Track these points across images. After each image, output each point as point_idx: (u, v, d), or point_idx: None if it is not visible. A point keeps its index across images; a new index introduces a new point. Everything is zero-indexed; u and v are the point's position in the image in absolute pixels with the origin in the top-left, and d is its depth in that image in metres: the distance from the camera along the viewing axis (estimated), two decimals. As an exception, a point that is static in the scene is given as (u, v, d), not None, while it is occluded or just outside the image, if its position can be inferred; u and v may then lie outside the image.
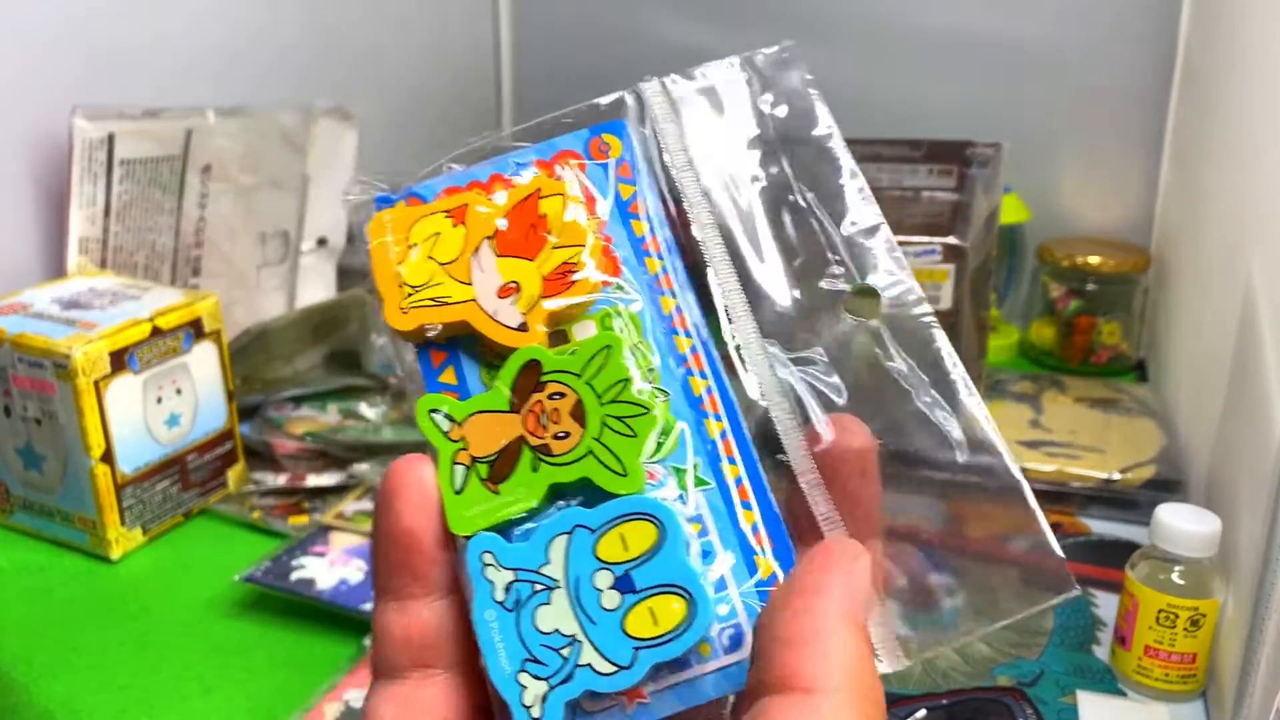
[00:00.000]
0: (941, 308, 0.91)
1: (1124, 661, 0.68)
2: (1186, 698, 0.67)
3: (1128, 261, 1.18)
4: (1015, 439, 0.96)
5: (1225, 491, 0.74)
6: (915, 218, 0.98)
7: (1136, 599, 0.67)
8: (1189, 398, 0.96)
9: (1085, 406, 1.04)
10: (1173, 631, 0.66)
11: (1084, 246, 1.21)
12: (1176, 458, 0.92)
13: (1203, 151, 1.05)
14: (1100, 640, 0.73)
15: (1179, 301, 1.08)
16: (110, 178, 0.96)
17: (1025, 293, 1.31)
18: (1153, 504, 0.70)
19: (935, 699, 0.67)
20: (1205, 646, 0.66)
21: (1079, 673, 0.70)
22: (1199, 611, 0.65)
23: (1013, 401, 1.05)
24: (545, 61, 1.50)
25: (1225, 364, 0.78)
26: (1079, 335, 1.19)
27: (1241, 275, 0.77)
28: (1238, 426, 0.73)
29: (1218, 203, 0.94)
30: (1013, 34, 1.28)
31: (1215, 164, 0.97)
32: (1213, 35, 1.06)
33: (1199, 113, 1.09)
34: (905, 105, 1.32)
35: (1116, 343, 1.19)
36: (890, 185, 0.99)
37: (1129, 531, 0.86)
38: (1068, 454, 0.93)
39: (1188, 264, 1.06)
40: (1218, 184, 0.95)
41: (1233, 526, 0.67)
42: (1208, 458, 0.83)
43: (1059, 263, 1.20)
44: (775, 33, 1.36)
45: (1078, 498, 0.90)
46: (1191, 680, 0.67)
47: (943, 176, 0.97)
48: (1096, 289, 1.19)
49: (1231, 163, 0.90)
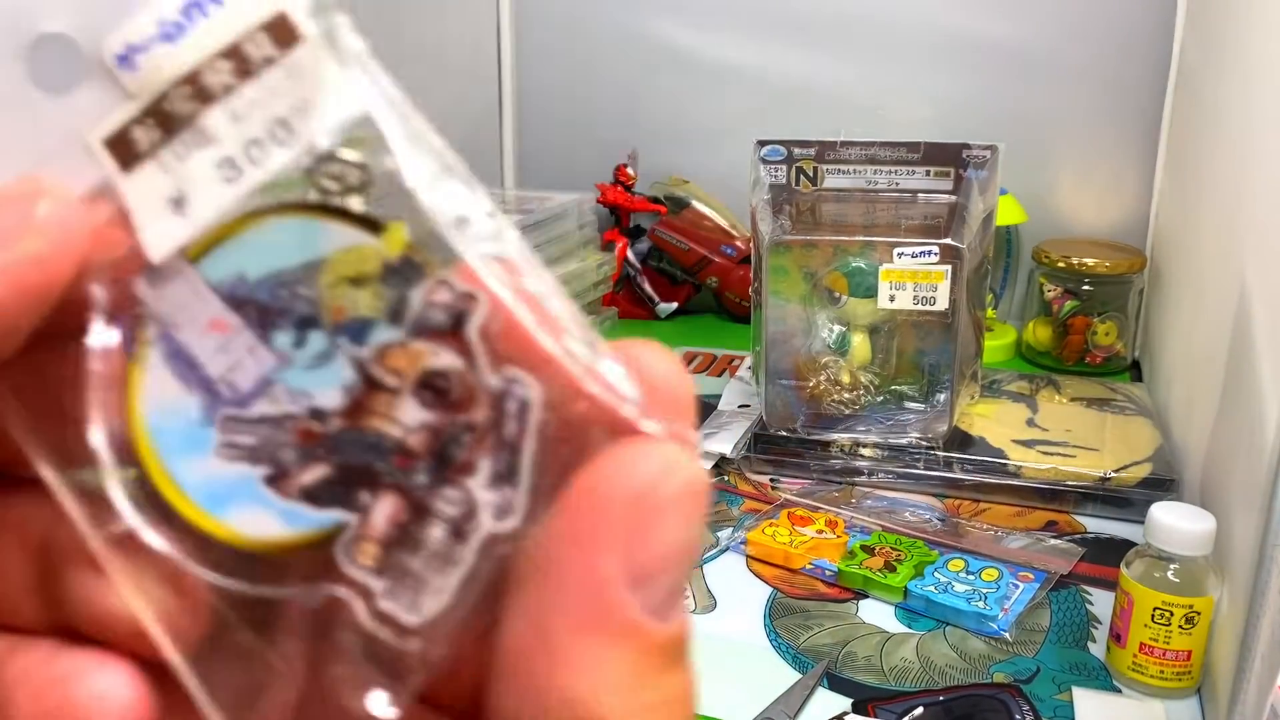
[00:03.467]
0: (938, 308, 0.92)
1: (1119, 659, 0.69)
2: (1181, 694, 0.67)
3: (1123, 262, 1.18)
4: (1011, 438, 0.96)
5: (1219, 490, 0.75)
6: (913, 220, 0.98)
7: (1131, 597, 0.67)
8: (1183, 397, 0.96)
9: (1081, 406, 1.05)
10: (1167, 629, 0.66)
11: (1080, 248, 1.22)
12: (1171, 456, 0.93)
13: (1198, 154, 1.05)
14: (1096, 638, 0.73)
15: (1174, 302, 1.08)
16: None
17: (1021, 293, 1.32)
18: (1147, 502, 0.70)
19: (932, 695, 0.67)
20: (1200, 644, 0.66)
21: (1075, 670, 0.70)
22: (1194, 609, 0.66)
23: (1009, 401, 1.06)
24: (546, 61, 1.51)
25: (1220, 364, 0.78)
26: (1074, 335, 1.20)
27: (1236, 276, 0.77)
28: (1232, 425, 0.74)
29: (1212, 204, 0.94)
30: (1009, 37, 1.28)
31: (1210, 166, 0.98)
32: (1208, 39, 1.06)
33: (1194, 115, 1.09)
34: (902, 108, 1.33)
35: (1112, 343, 1.20)
36: (887, 187, 0.99)
37: (1124, 530, 0.87)
38: (1063, 453, 0.93)
39: (1182, 265, 1.07)
40: (1212, 186, 0.95)
41: (1227, 524, 0.67)
42: (1202, 456, 0.83)
43: (1055, 264, 1.20)
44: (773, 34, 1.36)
45: (1073, 496, 0.90)
46: (1186, 677, 0.67)
47: (939, 179, 0.98)
48: (1092, 290, 1.19)
49: (1226, 165, 0.90)
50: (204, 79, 0.22)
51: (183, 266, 0.22)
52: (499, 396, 0.21)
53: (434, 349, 0.21)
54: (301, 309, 0.22)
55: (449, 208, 0.22)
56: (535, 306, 0.21)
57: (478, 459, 0.21)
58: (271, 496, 0.22)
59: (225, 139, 0.22)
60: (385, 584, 0.21)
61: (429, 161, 0.22)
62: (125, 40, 0.22)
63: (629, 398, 0.21)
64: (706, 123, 1.43)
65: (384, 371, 0.22)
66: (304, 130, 0.22)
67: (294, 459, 0.22)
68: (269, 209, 0.22)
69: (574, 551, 0.19)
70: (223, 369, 0.22)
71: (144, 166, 0.22)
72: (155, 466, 0.22)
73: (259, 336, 0.22)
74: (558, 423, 0.21)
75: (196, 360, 0.22)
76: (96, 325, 0.22)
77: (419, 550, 0.21)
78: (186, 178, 0.22)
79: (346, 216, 0.22)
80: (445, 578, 0.21)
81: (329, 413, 0.22)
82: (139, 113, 0.22)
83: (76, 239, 0.20)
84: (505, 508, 0.21)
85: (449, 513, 0.21)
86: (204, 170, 0.22)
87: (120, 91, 0.22)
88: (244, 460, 0.22)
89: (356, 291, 0.22)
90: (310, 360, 0.22)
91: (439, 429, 0.21)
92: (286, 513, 0.22)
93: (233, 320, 0.22)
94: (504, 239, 0.22)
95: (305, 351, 0.22)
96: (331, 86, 0.22)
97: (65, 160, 0.22)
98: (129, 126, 0.22)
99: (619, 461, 0.20)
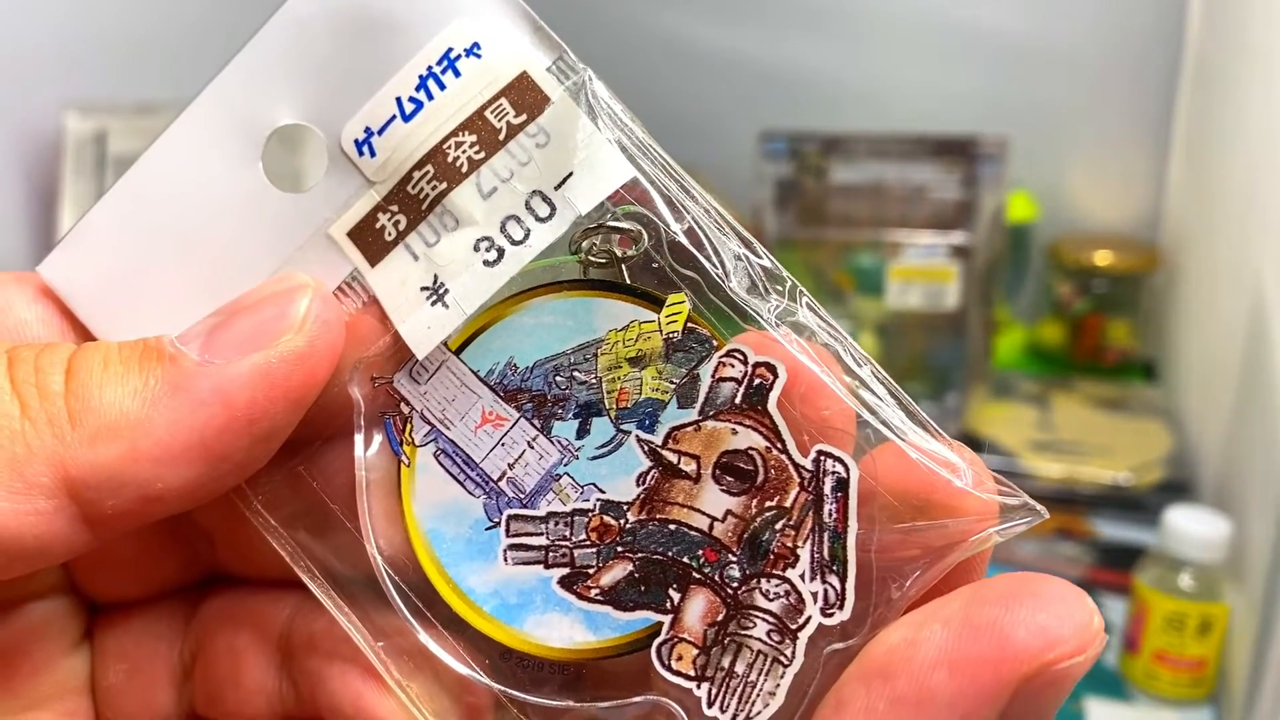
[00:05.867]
0: (949, 307, 0.90)
1: (1133, 667, 0.67)
2: (1196, 704, 0.66)
3: (1137, 261, 1.17)
4: (1023, 440, 0.95)
5: (1235, 494, 0.73)
6: (922, 215, 0.97)
7: (1145, 603, 0.66)
8: (1198, 398, 0.95)
9: (1093, 407, 1.03)
10: (1182, 636, 0.65)
11: (1092, 245, 1.20)
12: (1186, 459, 0.91)
13: (1213, 149, 1.04)
14: (1109, 645, 0.72)
15: (1188, 301, 1.07)
16: (102, 175, 0.95)
17: (1032, 291, 1.30)
18: (1161, 506, 0.69)
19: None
20: (1215, 651, 0.65)
21: (1087, 679, 0.68)
22: (1209, 616, 0.64)
23: (1020, 402, 1.05)
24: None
25: (1235, 364, 0.77)
26: (1087, 335, 1.18)
27: (1252, 274, 0.76)
28: (1248, 427, 0.73)
29: (1228, 201, 0.93)
30: (1018, 29, 1.27)
31: (1225, 161, 0.96)
32: (1222, 31, 1.05)
33: (1209, 109, 1.08)
34: (912, 100, 1.31)
35: (1125, 342, 1.18)
36: (896, 182, 0.98)
37: (1137, 535, 0.85)
38: (1076, 456, 0.92)
39: (1197, 263, 1.06)
40: (1228, 182, 0.94)
41: (1243, 529, 0.66)
42: (1217, 459, 0.82)
43: (1067, 261, 1.19)
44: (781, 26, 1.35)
45: (1086, 500, 0.89)
46: (1201, 686, 0.66)
47: (949, 173, 0.96)
48: (1105, 288, 1.18)
49: (1242, 160, 0.89)
50: (447, 155, 0.20)
51: (446, 358, 0.21)
52: (812, 476, 0.19)
53: (733, 428, 0.20)
54: (582, 395, 0.20)
55: (733, 271, 0.20)
56: (840, 374, 0.19)
57: (796, 547, 0.19)
58: (572, 600, 0.20)
59: (478, 218, 0.20)
60: (709, 690, 0.19)
61: (706, 220, 0.20)
62: (364, 124, 0.20)
63: (960, 469, 0.19)
64: (709, 115, 1.41)
65: (679, 457, 0.20)
66: (564, 200, 0.20)
67: (592, 558, 0.20)
68: (534, 290, 0.21)
69: (951, 683, 0.17)
70: (502, 465, 0.21)
71: (393, 255, 0.20)
72: (439, 576, 0.20)
73: (538, 428, 0.20)
74: (878, 502, 0.19)
75: (472, 458, 0.21)
76: (360, 428, 0.21)
77: (741, 651, 0.19)
78: (441, 264, 0.20)
79: (621, 291, 0.20)
80: (774, 680, 0.19)
81: (624, 505, 0.20)
82: (382, 199, 0.20)
83: (335, 335, 0.19)
84: (833, 600, 0.19)
85: (771, 608, 0.19)
86: (459, 254, 0.20)
87: (363, 179, 0.20)
88: (536, 563, 0.20)
89: (640, 372, 0.20)
90: (597, 450, 0.20)
91: (748, 516, 0.20)
92: (590, 617, 0.20)
93: (507, 412, 0.21)
94: (798, 302, 0.20)
95: (590, 441, 0.20)
96: (587, 148, 0.20)
97: (313, 256, 0.20)
98: (373, 214, 0.20)
99: (1026, 603, 0.17)
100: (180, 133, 0.20)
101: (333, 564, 0.21)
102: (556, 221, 0.20)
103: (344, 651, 0.20)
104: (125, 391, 0.18)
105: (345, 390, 0.20)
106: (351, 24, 0.20)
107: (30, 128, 0.96)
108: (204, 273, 0.20)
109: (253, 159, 0.20)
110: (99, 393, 0.18)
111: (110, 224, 0.21)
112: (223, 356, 0.18)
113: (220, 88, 0.20)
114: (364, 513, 0.20)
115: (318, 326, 0.19)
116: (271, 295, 0.19)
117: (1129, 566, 0.70)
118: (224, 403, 0.18)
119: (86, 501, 0.18)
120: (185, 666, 0.22)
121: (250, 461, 0.19)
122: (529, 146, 0.20)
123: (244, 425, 0.18)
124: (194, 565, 0.23)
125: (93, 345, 0.19)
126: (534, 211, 0.20)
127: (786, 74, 1.37)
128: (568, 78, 0.20)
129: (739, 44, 1.39)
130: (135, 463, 0.18)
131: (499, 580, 0.20)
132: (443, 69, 0.20)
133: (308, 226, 0.21)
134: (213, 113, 0.20)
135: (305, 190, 0.21)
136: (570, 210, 0.20)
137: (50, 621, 0.22)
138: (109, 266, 0.21)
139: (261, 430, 0.19)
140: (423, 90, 0.20)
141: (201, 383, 0.18)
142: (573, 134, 0.20)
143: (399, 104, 0.20)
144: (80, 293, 0.21)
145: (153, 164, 0.21)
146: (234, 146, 0.20)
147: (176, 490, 0.18)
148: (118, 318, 0.20)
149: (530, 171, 0.20)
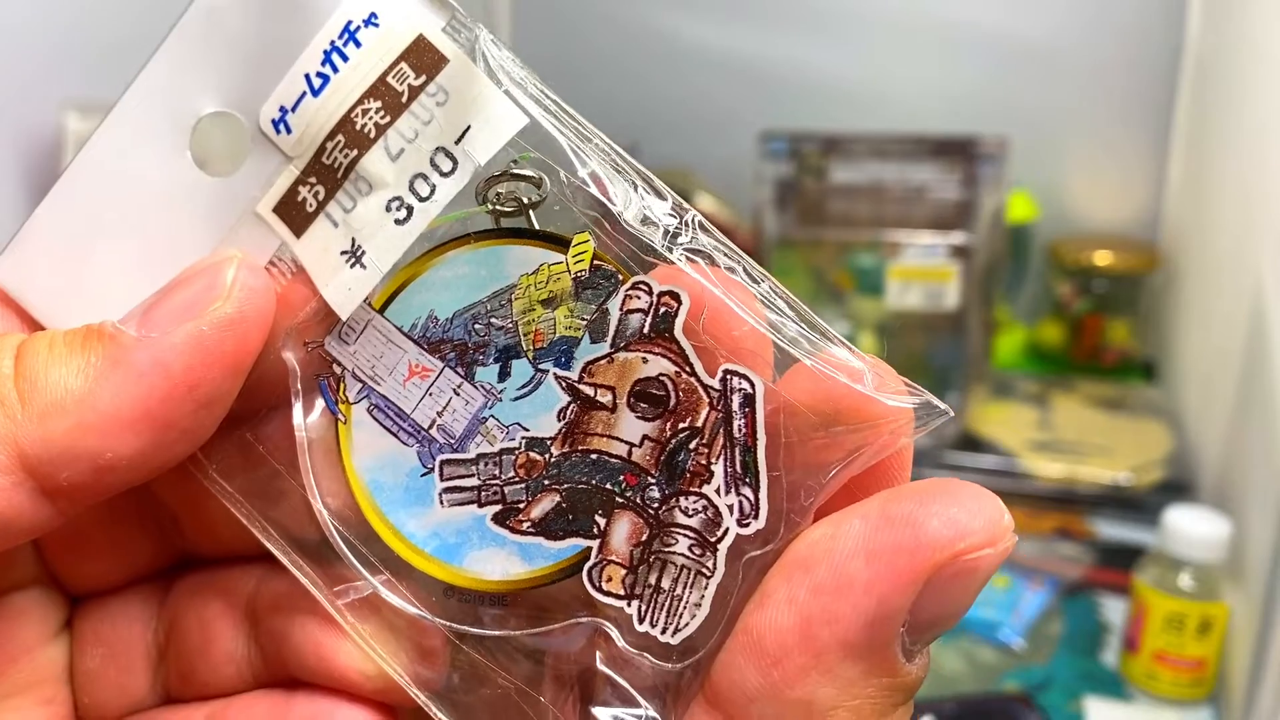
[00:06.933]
0: (948, 307, 0.90)
1: (1133, 667, 0.67)
2: (1196, 704, 0.66)
3: (1136, 260, 1.16)
4: (1023, 440, 0.95)
5: (1235, 493, 0.73)
6: (922, 215, 0.97)
7: (1145, 603, 0.66)
8: (1198, 398, 0.95)
9: (1093, 407, 1.03)
10: (1181, 636, 0.65)
11: (1092, 245, 1.20)
12: (1186, 459, 0.91)
13: (1212, 148, 1.04)
14: (1109, 645, 0.72)
15: (1188, 301, 1.07)
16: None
17: (1032, 292, 1.30)
18: (1161, 506, 0.69)
19: (941, 705, 0.66)
20: (1215, 651, 0.65)
21: (1087, 679, 0.69)
22: (1208, 616, 0.64)
23: (1020, 402, 1.05)
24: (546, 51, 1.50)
25: (1235, 364, 0.77)
26: (1087, 335, 1.18)
27: (1251, 274, 0.76)
28: (1248, 427, 0.73)
29: (1227, 200, 0.93)
30: (1020, 30, 1.27)
31: (1225, 161, 0.96)
32: (1222, 30, 1.05)
33: (1208, 110, 1.08)
34: (912, 100, 1.31)
35: (1125, 342, 1.18)
36: (896, 182, 0.98)
37: (1137, 535, 0.85)
38: (1075, 456, 0.92)
39: (1197, 263, 1.05)
40: (1227, 181, 0.94)
41: (1243, 529, 0.66)
42: (1217, 459, 0.82)
43: (1067, 261, 1.19)
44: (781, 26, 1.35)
45: (1085, 500, 0.89)
46: (1201, 686, 0.66)
47: (949, 173, 0.96)
48: (1105, 288, 1.18)
49: (1241, 160, 0.89)
50: (355, 124, 0.21)
51: (371, 317, 0.21)
52: (720, 395, 0.20)
53: (643, 357, 0.20)
54: (500, 340, 0.21)
55: (632, 208, 0.21)
56: (742, 296, 0.20)
57: (710, 464, 0.20)
58: (505, 535, 0.21)
59: (389, 180, 0.21)
60: (639, 607, 0.20)
61: (601, 163, 0.21)
62: (278, 103, 0.21)
63: (864, 374, 0.19)
64: (709, 115, 1.41)
65: (595, 389, 0.21)
66: (464, 154, 0.21)
67: (521, 493, 0.21)
68: (449, 244, 0.21)
69: (867, 570, 0.18)
70: (431, 414, 0.21)
71: (316, 225, 0.21)
72: (382, 524, 0.21)
73: (462, 375, 0.21)
74: (787, 413, 0.20)
75: (403, 410, 0.21)
76: (297, 392, 0.21)
77: (666, 567, 0.20)
78: (357, 227, 0.21)
79: (528, 237, 0.21)
80: (698, 591, 0.20)
81: (547, 441, 0.21)
82: (300, 173, 0.21)
83: (264, 300, 0.20)
84: (747, 510, 0.20)
85: (690, 524, 0.20)
86: (373, 216, 0.21)
87: (282, 156, 0.21)
88: (470, 503, 0.21)
89: (552, 312, 0.21)
90: (518, 391, 0.21)
91: (663, 439, 0.20)
92: (524, 548, 0.21)
93: (432, 363, 0.21)
94: (695, 233, 0.21)
95: (512, 383, 0.21)
96: (485, 102, 0.21)
97: (245, 234, 0.21)
98: (294, 188, 0.21)
99: (938, 499, 0.18)
100: (113, 128, 0.21)
101: (288, 524, 0.22)
102: (459, 175, 0.21)
103: (304, 606, 0.21)
104: (69, 371, 0.19)
105: (280, 360, 0.21)
106: (260, 8, 0.21)
107: (30, 128, 0.96)
108: (146, 261, 0.21)
109: (181, 148, 0.21)
110: (45, 373, 0.19)
111: (54, 222, 0.22)
112: (159, 329, 0.19)
113: (146, 81, 0.21)
114: (306, 471, 0.21)
115: (245, 293, 0.20)
116: (201, 269, 0.20)
117: (1129, 566, 0.70)
118: (163, 373, 0.19)
119: (43, 475, 0.19)
120: (160, 648, 0.23)
121: (197, 429, 0.20)
122: (430, 106, 0.21)
123: (184, 392, 0.19)
124: (165, 549, 0.23)
125: (40, 333, 0.20)
126: (438, 167, 0.21)
127: (786, 74, 1.37)
128: (462, 35, 0.21)
129: (739, 44, 1.39)
130: (84, 435, 0.19)
131: (437, 522, 0.21)
132: (344, 41, 0.21)
133: (237, 207, 0.21)
134: (141, 106, 0.21)
135: (232, 173, 0.22)
136: (470, 162, 0.21)
137: (27, 611, 0.22)
138: (56, 263, 0.22)
139: (202, 396, 0.19)
140: (328, 64, 0.21)
141: (140, 355, 0.19)
142: (469, 89, 0.21)
143: (308, 80, 0.21)
144: (31, 290, 0.22)
145: (90, 161, 0.21)
146: (164, 137, 0.21)
147: (127, 460, 0.19)
148: (69, 310, 0.21)
149: (433, 129, 0.21)
